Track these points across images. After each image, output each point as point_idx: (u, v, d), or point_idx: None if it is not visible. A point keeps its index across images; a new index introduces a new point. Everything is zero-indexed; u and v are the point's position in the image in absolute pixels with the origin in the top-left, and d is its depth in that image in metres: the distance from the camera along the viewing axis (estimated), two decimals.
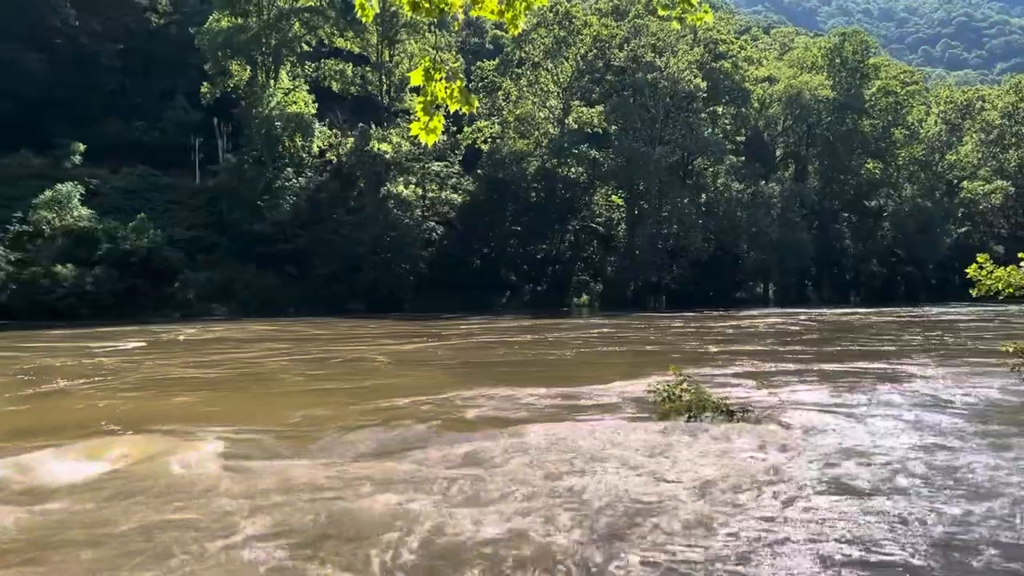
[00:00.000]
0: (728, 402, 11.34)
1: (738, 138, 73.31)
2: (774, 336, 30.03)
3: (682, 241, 63.45)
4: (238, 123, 60.60)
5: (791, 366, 18.87)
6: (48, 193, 50.29)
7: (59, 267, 46.81)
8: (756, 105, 75.07)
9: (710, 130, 67.21)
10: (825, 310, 54.20)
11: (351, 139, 60.29)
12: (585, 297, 65.68)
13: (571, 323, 41.10)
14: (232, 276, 52.38)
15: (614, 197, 68.49)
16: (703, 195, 69.07)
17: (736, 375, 16.87)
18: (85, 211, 51.03)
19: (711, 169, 70.08)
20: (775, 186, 73.19)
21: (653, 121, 63.91)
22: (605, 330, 33.80)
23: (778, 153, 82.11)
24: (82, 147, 57.41)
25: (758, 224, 67.47)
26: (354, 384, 16.87)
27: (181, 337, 30.88)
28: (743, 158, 71.47)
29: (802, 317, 42.91)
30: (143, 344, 27.28)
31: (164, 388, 16.32)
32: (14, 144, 54.90)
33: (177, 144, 62.40)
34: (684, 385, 11.54)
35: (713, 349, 23.99)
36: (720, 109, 70.27)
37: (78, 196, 51.23)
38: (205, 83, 59.56)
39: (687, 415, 11.00)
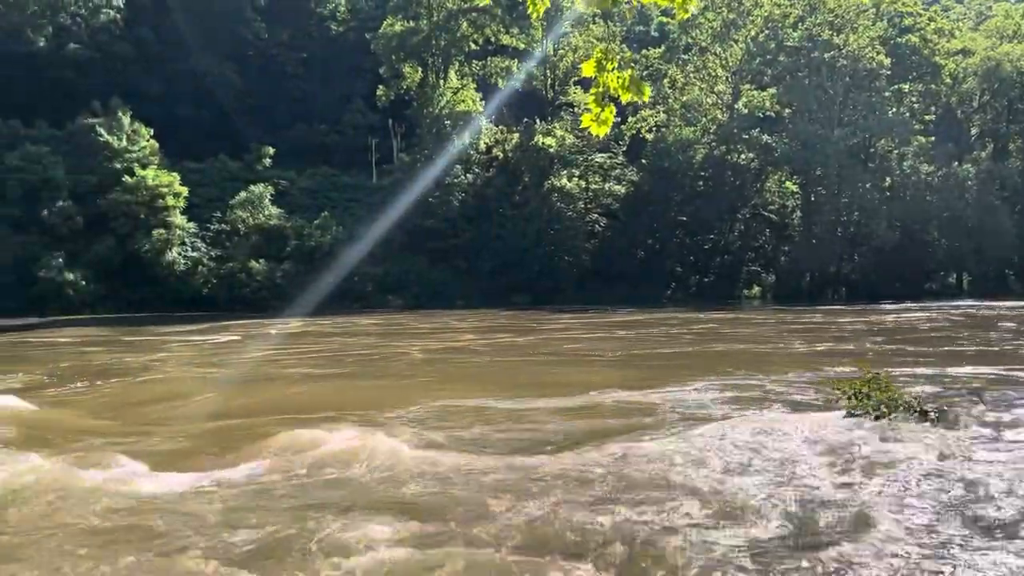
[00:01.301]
0: (921, 400, 10.52)
1: (927, 117, 67.85)
2: (975, 328, 27.55)
3: (863, 229, 59.65)
4: (411, 123, 63.22)
5: (988, 369, 17.18)
6: (243, 194, 54.72)
7: (253, 262, 50.89)
8: (948, 80, 69.01)
9: (895, 109, 62.62)
10: None
11: (516, 135, 61.27)
12: (756, 289, 63.26)
13: (744, 316, 39.68)
14: (405, 269, 54.76)
15: (788, 183, 65.37)
16: (887, 179, 64.50)
17: (931, 375, 15.58)
18: (275, 210, 55.08)
19: (896, 151, 65.25)
20: (970, 167, 67.09)
21: (831, 102, 60.40)
22: (785, 323, 32.38)
23: (973, 132, 75.15)
24: (272, 151, 61.95)
25: (951, 209, 62.22)
26: (546, 377, 17.11)
27: (364, 323, 32.65)
28: (932, 138, 66.02)
29: (1005, 310, 39.10)
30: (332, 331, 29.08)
31: (368, 370, 17.27)
32: (214, 150, 60.07)
33: (355, 145, 66.06)
34: (874, 382, 10.83)
35: (902, 346, 22.35)
36: (906, 87, 65.26)
37: (269, 196, 55.41)
38: (381, 86, 62.51)
39: (876, 413, 10.31)
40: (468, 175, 59.61)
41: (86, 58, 59.58)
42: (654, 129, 63.81)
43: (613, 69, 6.21)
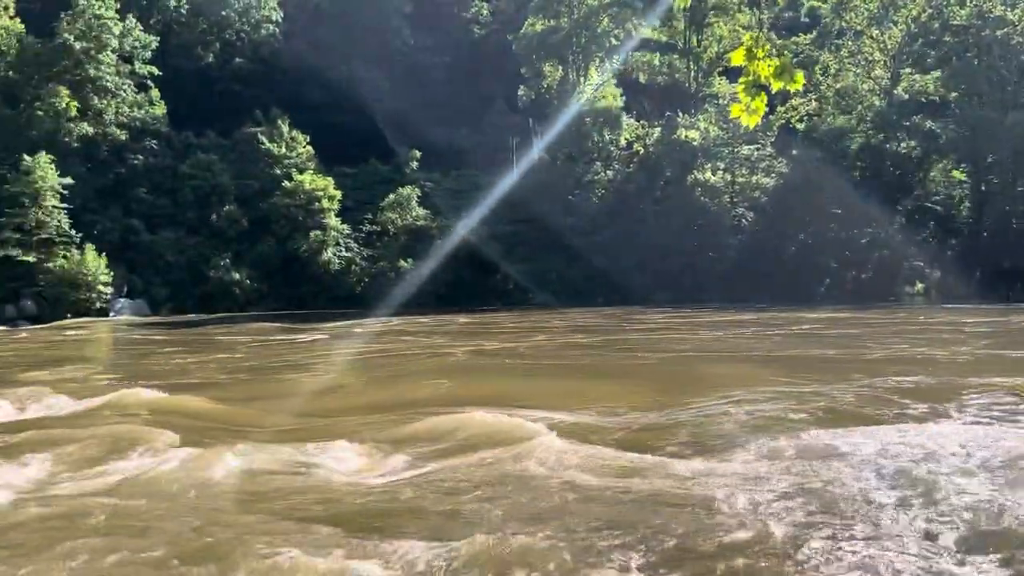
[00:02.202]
0: None
1: None
2: None
3: None
4: (551, 122, 63.47)
5: None
6: (392, 196, 56.88)
7: (401, 261, 52.82)
8: None
9: None
10: None
11: (657, 129, 60.29)
12: (920, 285, 59.15)
13: (910, 314, 37.19)
14: (546, 267, 55.12)
15: (955, 172, 60.71)
16: None
17: None
18: (421, 211, 56.91)
19: None
20: None
21: (1003, 84, 55.54)
22: (959, 324, 30.11)
23: None
24: (418, 154, 64.01)
25: None
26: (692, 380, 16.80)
27: (505, 320, 33.15)
28: None
29: None
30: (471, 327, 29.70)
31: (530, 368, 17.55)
32: (365, 155, 62.75)
33: (497, 146, 67.04)
34: None
35: None
36: None
37: (416, 198, 57.30)
38: (521, 86, 63.22)
39: None
40: (608, 172, 59.23)
41: (249, 71, 63.83)
42: (805, 118, 60.99)
43: (764, 57, 5.98)
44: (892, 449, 8.55)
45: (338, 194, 54.87)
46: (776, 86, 6.09)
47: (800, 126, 60.75)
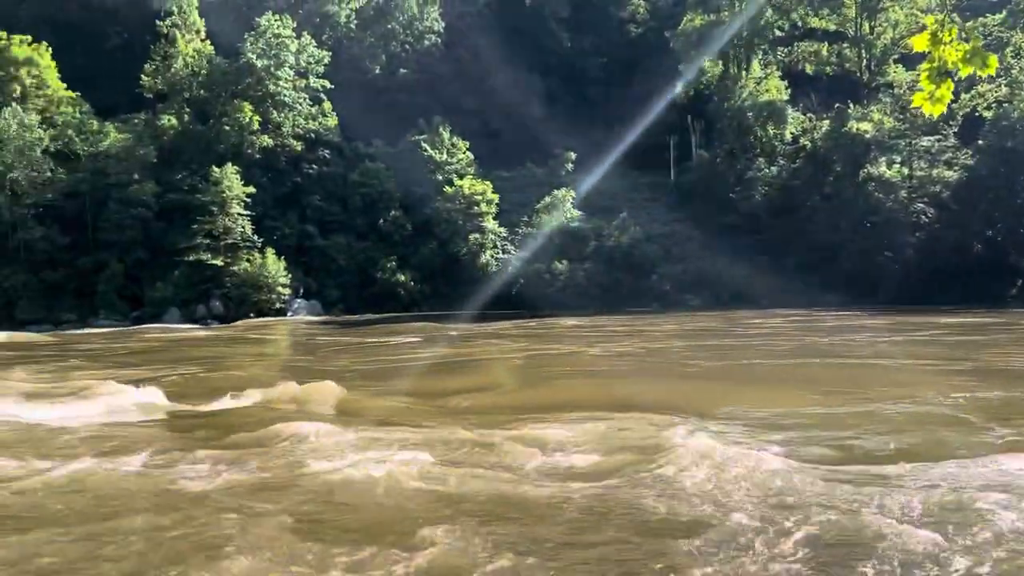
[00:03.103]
0: None
1: None
2: None
3: None
4: (710, 119, 61.84)
5: None
6: (547, 199, 57.29)
7: (557, 263, 53.11)
8: None
9: None
10: None
11: (826, 121, 57.20)
12: None
13: None
14: (705, 268, 53.64)
15: None
16: None
17: None
18: (576, 213, 56.97)
19: None
20: None
21: None
22: None
23: None
24: (573, 155, 64.19)
25: None
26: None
27: (669, 325, 32.55)
28: None
29: None
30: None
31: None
32: (521, 158, 63.65)
33: (654, 144, 66.08)
34: None
35: None
36: None
37: (571, 199, 57.44)
38: (679, 83, 61.93)
39: None
40: (772, 167, 56.84)
41: (413, 80, 66.40)
42: (994, 105, 55.87)
43: (951, 41, 5.49)
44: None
45: (496, 197, 55.97)
46: (965, 71, 5.58)
47: (988, 114, 55.71)
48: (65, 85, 53.70)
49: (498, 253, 54.76)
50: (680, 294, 52.48)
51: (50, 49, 53.99)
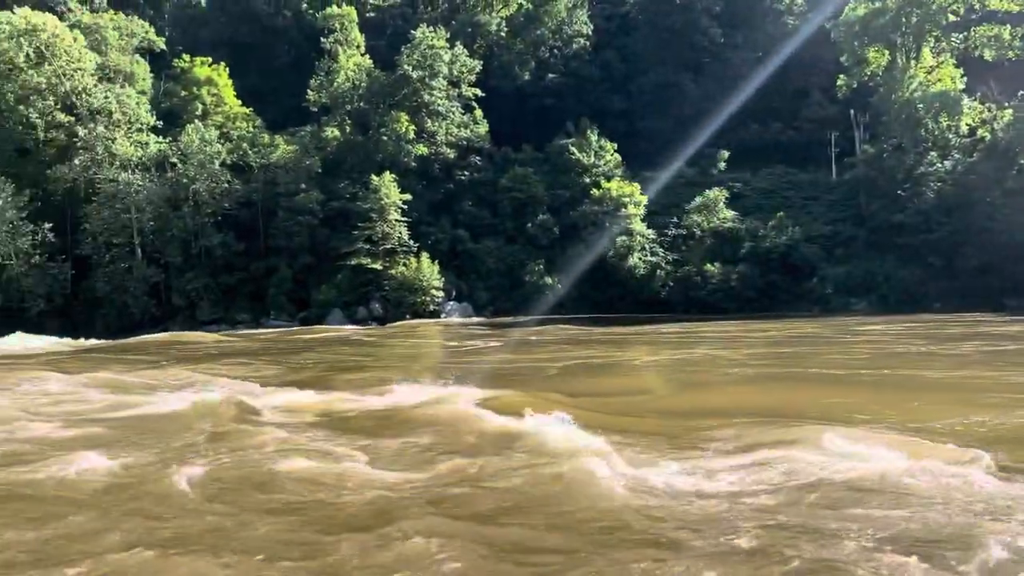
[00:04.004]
0: None
1: None
2: None
3: None
4: (876, 112, 58.38)
5: None
6: (698, 199, 56.02)
7: (708, 265, 51.78)
8: None
9: None
10: None
11: (1008, 111, 52.50)
12: None
13: None
14: (871, 270, 50.64)
15: None
16: None
17: None
18: (729, 213, 55.31)
19: None
20: None
21: None
22: None
23: None
24: (726, 154, 62.40)
25: None
26: None
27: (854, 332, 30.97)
28: None
29: None
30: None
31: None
32: (671, 158, 62.50)
33: (812, 140, 63.28)
34: None
35: None
36: None
37: (723, 200, 55.86)
38: (840, 75, 58.88)
39: None
40: (946, 162, 52.80)
41: (560, 85, 66.79)
42: None
43: None
44: None
45: (644, 199, 55.29)
46: None
47: None
48: (240, 102, 57.91)
49: (646, 255, 54.04)
50: (843, 297, 49.79)
51: (227, 69, 58.40)
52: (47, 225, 47.78)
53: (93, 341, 38.47)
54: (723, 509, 7.10)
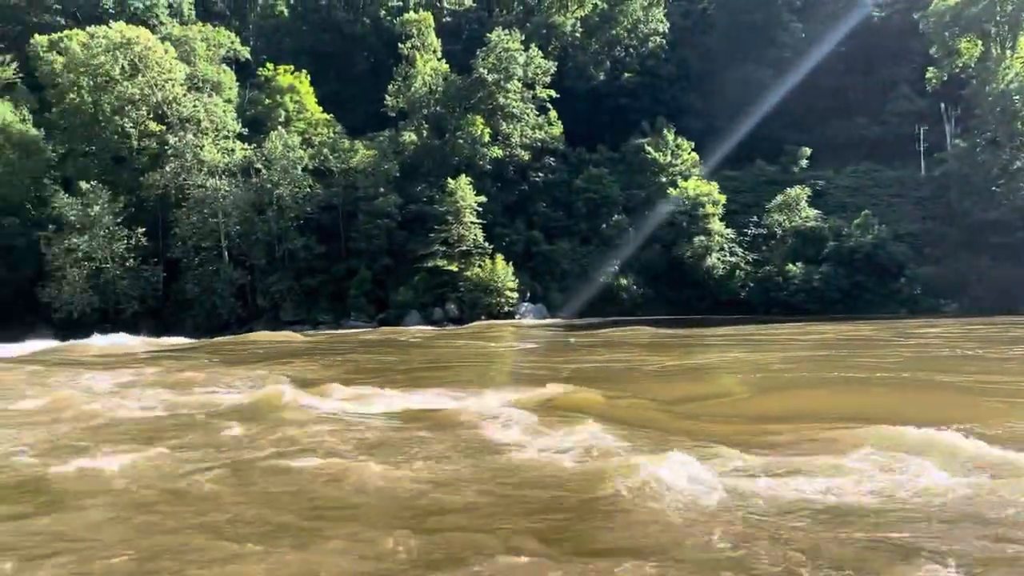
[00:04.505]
0: None
1: None
2: None
3: None
4: (967, 105, 55.95)
5: None
6: (779, 198, 54.71)
7: (790, 265, 50.50)
8: None
9: None
10: None
11: None
12: None
13: None
14: (963, 269, 48.55)
15: None
16: None
17: None
18: (812, 211, 53.84)
19: None
20: None
21: None
22: None
23: None
24: (808, 151, 60.75)
25: None
26: None
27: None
28: None
29: None
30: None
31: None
32: (750, 156, 61.24)
33: (900, 136, 61.03)
34: None
35: None
36: None
37: (805, 198, 54.40)
38: (930, 68, 56.59)
39: None
40: None
41: (636, 84, 66.18)
42: None
43: None
44: None
45: (722, 198, 54.30)
46: None
47: None
48: (321, 108, 59.37)
49: (725, 256, 53.06)
50: (932, 299, 47.88)
51: (308, 76, 59.97)
52: (140, 230, 49.90)
53: (186, 340, 40.06)
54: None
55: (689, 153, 58.14)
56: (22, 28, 63.18)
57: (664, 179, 56.63)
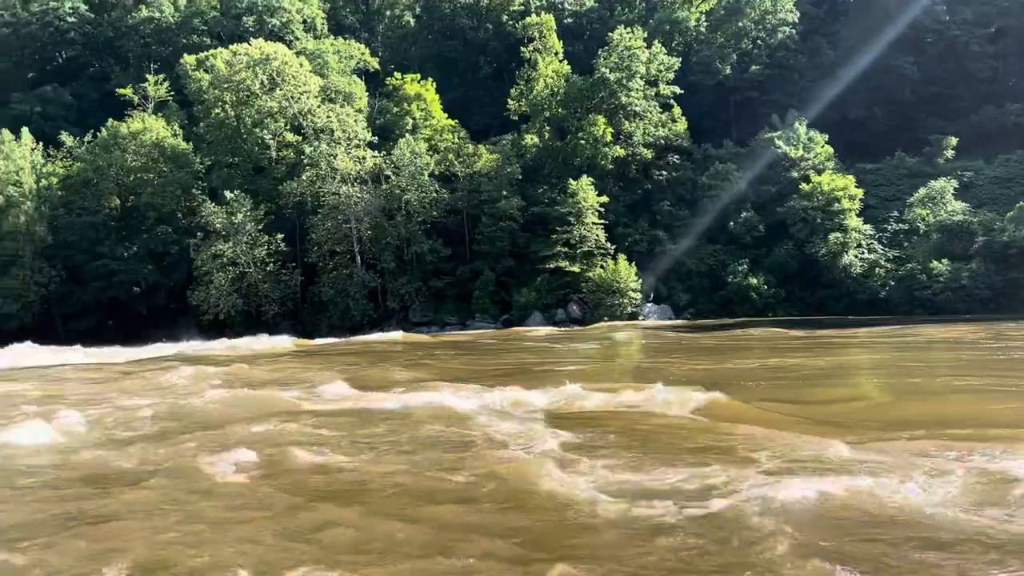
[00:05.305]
0: None
1: None
2: None
3: None
4: None
5: None
6: (922, 191, 51.61)
7: (934, 262, 47.45)
8: None
9: None
10: None
11: None
12: None
13: None
14: None
15: None
16: None
17: None
18: (959, 205, 50.50)
19: None
20: None
21: None
22: None
23: None
24: (954, 141, 56.94)
25: None
26: None
27: None
28: None
29: None
30: None
31: None
32: (889, 147, 58.02)
33: None
34: None
35: None
36: None
37: (951, 190, 51.07)
38: None
39: None
40: None
41: (764, 76, 64.01)
42: None
43: None
44: None
45: (859, 193, 51.66)
46: None
47: None
48: (446, 115, 60.72)
49: (863, 253, 50.47)
50: None
51: (434, 83, 61.48)
52: (279, 236, 52.58)
53: (331, 340, 41.81)
54: None
55: (823, 146, 55.69)
56: (172, 49, 68.07)
57: (796, 174, 54.47)
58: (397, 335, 42.72)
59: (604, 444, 10.18)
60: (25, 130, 56.50)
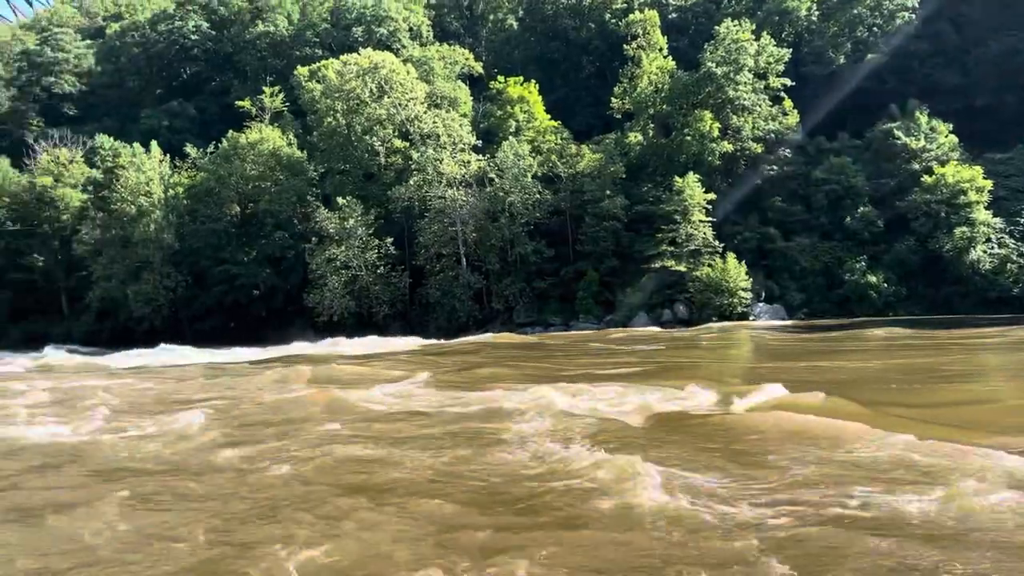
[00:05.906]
0: None
1: None
2: None
3: None
4: None
5: None
6: None
7: None
8: None
9: None
10: None
11: None
12: None
13: None
14: None
15: None
16: None
17: None
18: None
19: None
20: None
21: None
22: None
23: None
24: None
25: None
26: None
27: None
28: None
29: None
30: None
31: None
32: (1022, 135, 54.34)
33: None
34: None
35: None
36: None
37: None
38: None
39: None
40: None
41: (882, 65, 61.06)
42: None
43: None
44: None
45: (988, 184, 48.55)
46: None
47: None
48: (548, 116, 60.82)
49: (992, 248, 47.43)
50: None
51: (537, 85, 61.68)
52: (389, 239, 53.97)
53: (441, 341, 42.59)
54: None
55: (946, 136, 52.65)
56: (286, 61, 71.05)
57: (917, 166, 51.70)
58: (503, 336, 43.06)
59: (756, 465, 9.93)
60: (154, 143, 60.27)
